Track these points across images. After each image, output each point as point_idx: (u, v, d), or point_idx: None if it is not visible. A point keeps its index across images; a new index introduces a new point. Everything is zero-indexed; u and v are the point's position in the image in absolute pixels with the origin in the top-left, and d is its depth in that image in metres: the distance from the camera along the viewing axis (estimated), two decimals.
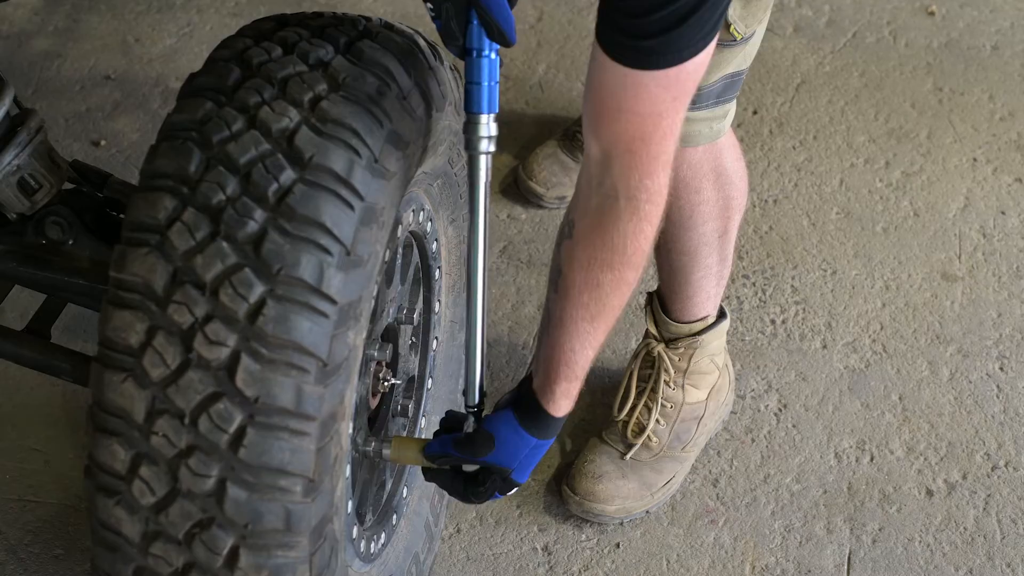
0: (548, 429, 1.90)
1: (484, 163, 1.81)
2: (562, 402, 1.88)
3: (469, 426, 1.93)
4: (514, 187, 3.02)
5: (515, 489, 1.96)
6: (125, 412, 1.59)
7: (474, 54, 1.73)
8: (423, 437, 2.21)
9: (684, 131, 2.10)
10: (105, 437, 1.61)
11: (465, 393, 1.94)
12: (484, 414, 1.94)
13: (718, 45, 2.00)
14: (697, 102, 2.08)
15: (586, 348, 1.83)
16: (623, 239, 1.72)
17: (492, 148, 1.81)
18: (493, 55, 1.74)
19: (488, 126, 1.79)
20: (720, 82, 2.08)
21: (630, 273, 1.75)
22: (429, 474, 1.99)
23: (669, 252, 2.31)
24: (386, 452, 1.99)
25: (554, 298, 1.84)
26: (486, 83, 1.76)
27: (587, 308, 1.79)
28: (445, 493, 2.36)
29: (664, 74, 1.60)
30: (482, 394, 1.93)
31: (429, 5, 1.77)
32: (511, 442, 1.89)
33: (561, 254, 1.81)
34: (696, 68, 1.63)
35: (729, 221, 2.28)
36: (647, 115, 1.63)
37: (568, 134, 3.01)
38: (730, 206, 2.26)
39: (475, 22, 1.70)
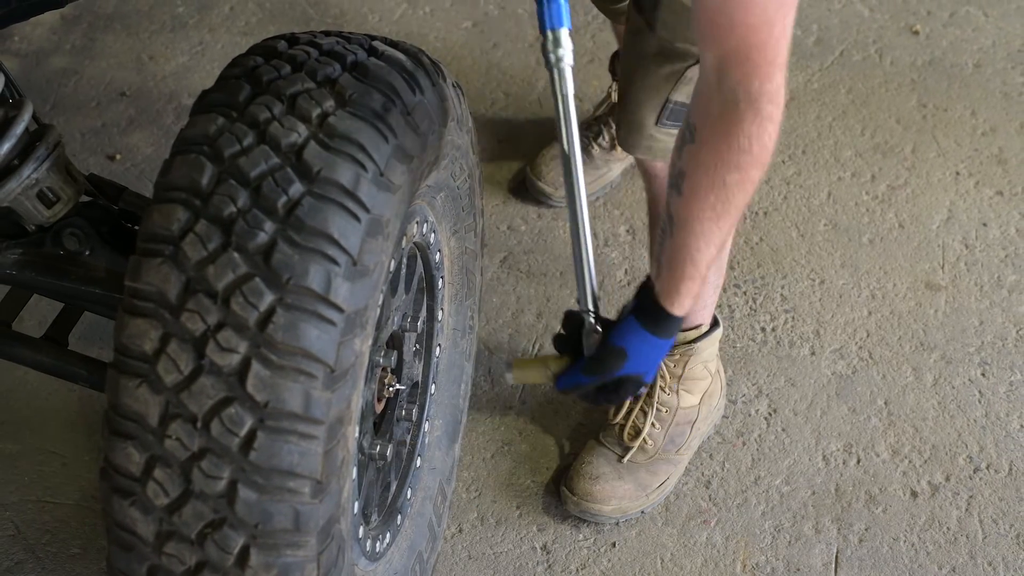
0: (673, 328, 1.89)
1: (569, 76, 1.86)
2: (686, 301, 1.86)
3: (588, 332, 1.93)
4: (523, 188, 3.03)
5: (646, 388, 1.96)
6: (140, 416, 1.59)
7: None
8: (546, 355, 2.17)
9: None
10: (120, 440, 1.61)
11: (579, 300, 1.95)
12: (599, 315, 1.94)
13: None
14: None
15: (711, 246, 1.80)
16: (748, 140, 1.69)
17: (572, 61, 1.87)
18: None
19: (568, 40, 1.86)
20: None
21: (755, 172, 1.73)
22: (562, 388, 1.98)
23: None
24: (509, 377, 1.99)
25: (678, 201, 1.80)
26: (563, 0, 1.85)
27: (713, 208, 1.76)
28: (448, 495, 2.37)
29: None
30: (595, 297, 1.94)
31: None
32: (642, 351, 1.88)
33: (683, 158, 1.77)
34: None
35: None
36: (759, 25, 1.61)
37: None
38: None
39: None
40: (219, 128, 1.64)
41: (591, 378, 1.92)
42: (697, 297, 1.88)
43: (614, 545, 2.43)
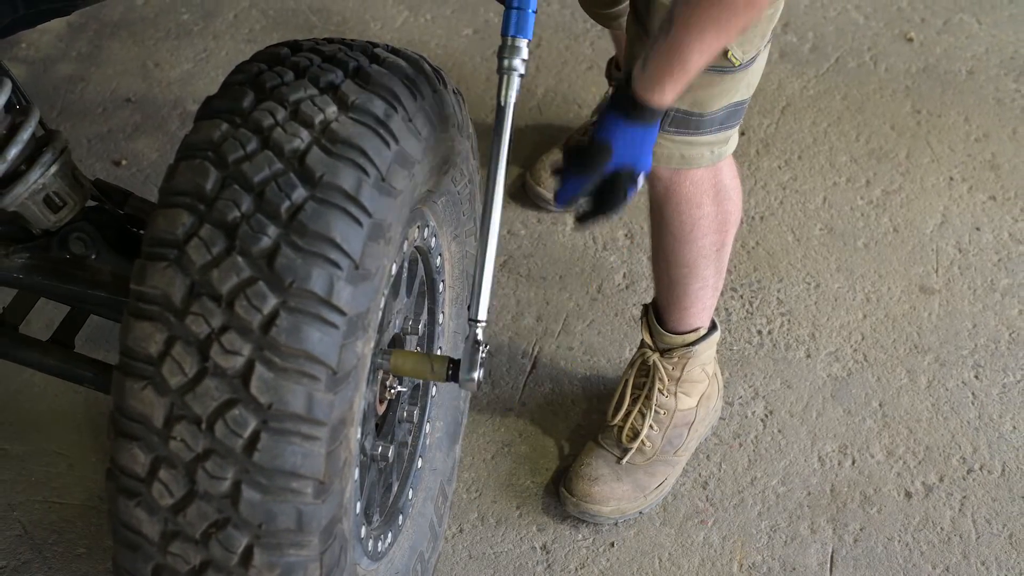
0: (651, 115, 1.86)
1: (516, 83, 1.87)
2: (668, 96, 1.84)
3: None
4: (522, 193, 3.04)
5: (643, 178, 1.92)
6: (145, 418, 1.59)
7: None
8: (432, 355, 2.14)
9: (687, 154, 2.11)
10: (126, 441, 1.61)
11: (469, 307, 1.91)
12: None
13: (718, 72, 2.00)
14: (700, 128, 2.08)
15: (704, 54, 1.79)
16: None
17: (524, 71, 1.87)
18: None
19: (526, 51, 1.87)
20: (723, 111, 2.08)
21: None
22: (563, 201, 1.95)
23: (669, 265, 2.31)
24: (386, 363, 1.96)
25: (684, 4, 1.79)
26: (529, 10, 1.85)
27: (716, 20, 1.76)
28: (449, 495, 2.36)
29: None
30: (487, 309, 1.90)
31: None
32: (625, 138, 1.86)
33: None
34: None
35: (726, 235, 2.28)
36: None
37: (571, 142, 3.03)
38: (728, 220, 2.26)
39: None
40: (223, 134, 1.65)
41: (583, 177, 1.89)
42: (677, 96, 1.86)
43: (612, 545, 2.43)
